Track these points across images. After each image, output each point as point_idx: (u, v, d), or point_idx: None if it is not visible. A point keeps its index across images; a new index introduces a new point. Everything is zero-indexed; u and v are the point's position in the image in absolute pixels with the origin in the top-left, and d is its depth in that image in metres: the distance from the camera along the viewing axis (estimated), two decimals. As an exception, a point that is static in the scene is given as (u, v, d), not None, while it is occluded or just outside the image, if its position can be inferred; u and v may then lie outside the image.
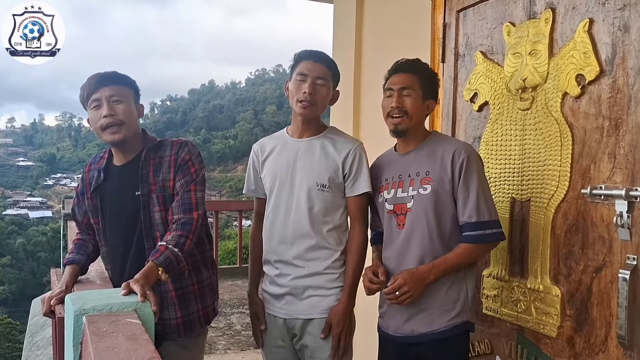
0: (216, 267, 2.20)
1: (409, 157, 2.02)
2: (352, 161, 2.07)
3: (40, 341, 5.65)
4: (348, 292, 2.05)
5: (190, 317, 2.02)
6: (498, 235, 1.93)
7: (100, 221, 2.05)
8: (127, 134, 1.97)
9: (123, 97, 1.97)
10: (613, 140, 1.81)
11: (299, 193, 2.07)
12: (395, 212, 2.00)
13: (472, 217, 1.89)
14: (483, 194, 1.90)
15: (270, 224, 2.15)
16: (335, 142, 2.11)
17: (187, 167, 1.98)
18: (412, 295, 1.88)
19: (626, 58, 1.77)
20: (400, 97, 1.96)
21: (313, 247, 2.06)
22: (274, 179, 2.14)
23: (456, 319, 1.92)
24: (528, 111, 2.14)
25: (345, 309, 2.04)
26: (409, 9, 2.94)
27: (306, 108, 2.05)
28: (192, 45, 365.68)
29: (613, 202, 1.78)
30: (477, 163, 1.93)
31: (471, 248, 1.91)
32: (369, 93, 3.31)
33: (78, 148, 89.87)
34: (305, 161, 2.09)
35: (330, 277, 2.07)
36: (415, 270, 1.90)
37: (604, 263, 1.84)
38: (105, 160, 2.09)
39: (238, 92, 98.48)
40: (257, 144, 2.27)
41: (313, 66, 2.05)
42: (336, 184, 2.07)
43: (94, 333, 1.27)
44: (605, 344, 1.83)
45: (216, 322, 4.78)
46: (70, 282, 1.94)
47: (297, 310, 2.09)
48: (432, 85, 2.03)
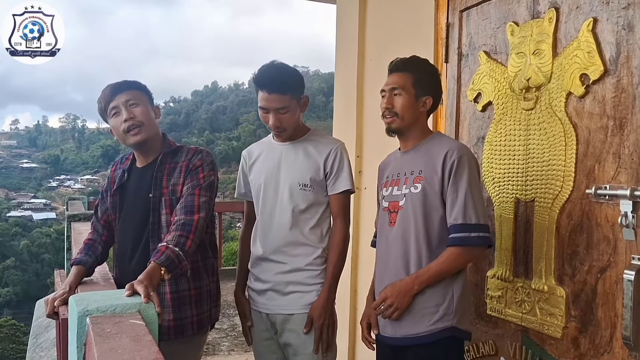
0: (217, 275, 2.21)
1: (407, 155, 2.03)
2: (333, 160, 2.14)
3: (44, 342, 5.65)
4: (328, 287, 2.11)
5: (182, 321, 2.03)
6: (483, 240, 1.87)
7: (118, 219, 2.12)
8: (148, 134, 2.04)
9: (138, 100, 2.05)
10: (617, 140, 1.80)
11: (283, 193, 2.15)
12: (389, 209, 2.03)
13: (458, 219, 1.85)
14: (472, 196, 1.86)
15: (259, 223, 2.23)
16: (317, 143, 2.18)
17: (197, 173, 2.03)
18: (397, 308, 1.90)
19: (630, 57, 1.77)
20: (391, 97, 1.98)
21: (295, 243, 2.13)
22: (260, 181, 2.22)
23: (439, 324, 1.88)
24: (532, 111, 2.13)
25: (325, 303, 2.09)
26: (412, 9, 2.94)
27: (280, 135, 2.16)
28: (196, 47, 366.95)
29: (618, 202, 1.78)
30: (469, 165, 1.89)
31: (455, 252, 1.86)
32: (372, 93, 3.30)
33: (82, 150, 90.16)
34: (288, 163, 2.17)
35: (312, 274, 2.13)
36: (399, 283, 1.91)
37: (608, 263, 1.83)
38: (129, 161, 2.18)
39: (241, 93, 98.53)
40: (246, 150, 2.37)
41: (269, 99, 2.07)
42: (318, 182, 2.14)
43: (97, 334, 1.27)
44: (611, 344, 1.82)
45: (220, 324, 4.78)
46: (74, 283, 1.94)
47: (278, 306, 2.15)
48: (429, 81, 2.01)
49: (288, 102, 2.07)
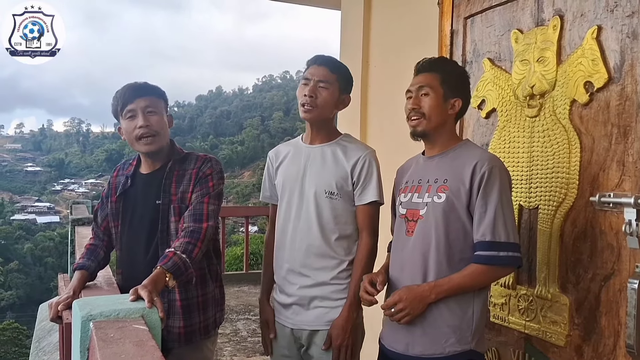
0: (221, 281, 2.20)
1: (432, 161, 1.91)
2: (362, 169, 2.03)
3: (47, 346, 5.65)
4: (349, 305, 2.01)
5: (192, 327, 2.03)
6: (513, 260, 1.75)
7: (120, 225, 2.10)
8: (161, 145, 2.04)
9: (157, 108, 2.04)
10: (622, 147, 1.80)
11: (308, 199, 2.06)
12: (406, 217, 1.90)
13: (486, 236, 1.73)
14: (502, 212, 1.73)
15: (281, 230, 2.14)
16: (347, 148, 2.08)
17: (206, 181, 2.02)
18: (409, 313, 1.76)
19: (635, 65, 1.77)
20: (417, 97, 1.86)
21: (320, 255, 2.04)
22: (285, 185, 2.14)
23: (457, 346, 1.76)
24: (536, 118, 2.13)
25: (344, 322, 2.00)
26: (417, 15, 2.95)
27: (307, 112, 2.04)
28: (201, 51, 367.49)
29: (622, 210, 1.77)
30: (500, 178, 1.76)
31: (480, 270, 1.74)
32: (377, 100, 3.31)
33: (86, 154, 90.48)
34: (315, 167, 2.08)
35: (337, 288, 2.04)
36: (415, 288, 1.78)
37: (612, 271, 1.82)
38: (133, 167, 2.15)
39: (245, 98, 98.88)
40: (273, 150, 2.28)
41: (316, 70, 2.05)
42: (345, 191, 2.04)
43: (101, 339, 1.27)
44: (614, 353, 1.81)
45: (222, 329, 4.77)
46: (78, 287, 1.95)
47: (303, 321, 2.07)
48: (457, 82, 1.89)
49: (332, 80, 2.04)
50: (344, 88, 2.10)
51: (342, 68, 2.12)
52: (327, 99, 2.04)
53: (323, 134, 2.11)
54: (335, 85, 2.06)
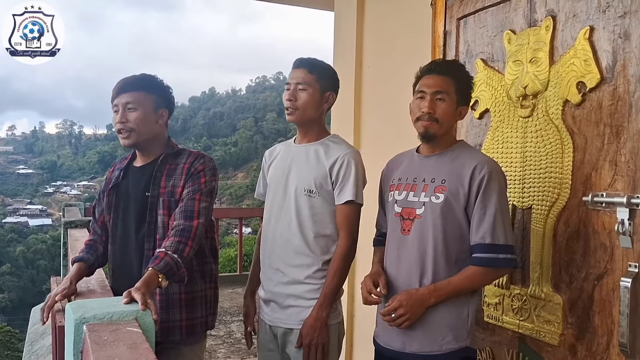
0: (216, 282, 2.19)
1: (429, 161, 1.92)
2: (340, 167, 2.04)
3: (39, 350, 5.62)
4: (320, 304, 2.01)
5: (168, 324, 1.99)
6: (510, 262, 1.80)
7: (112, 218, 2.11)
8: (137, 140, 2.04)
9: (139, 104, 2.03)
10: (614, 147, 1.81)
11: (289, 197, 2.10)
12: (402, 215, 1.90)
13: (486, 238, 1.76)
14: (501, 215, 1.77)
15: (265, 226, 2.19)
16: (329, 147, 2.10)
17: (198, 177, 2.02)
18: (409, 318, 1.79)
19: (627, 65, 1.78)
20: (433, 101, 1.84)
21: (297, 252, 2.06)
22: (271, 182, 2.19)
23: (453, 344, 1.80)
24: (529, 119, 2.14)
25: (314, 321, 1.99)
26: (410, 16, 2.95)
27: (290, 114, 2.11)
28: (194, 52, 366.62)
29: (614, 209, 1.78)
30: (499, 182, 1.80)
31: (479, 272, 1.78)
32: (370, 101, 3.31)
33: (78, 156, 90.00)
34: (297, 166, 2.12)
35: (311, 288, 2.05)
36: (415, 292, 1.80)
37: (605, 271, 1.83)
38: (127, 160, 2.18)
39: (238, 99, 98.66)
40: (269, 149, 2.33)
41: (295, 73, 2.09)
42: (326, 190, 2.06)
43: (94, 342, 1.27)
44: (607, 351, 1.82)
45: (216, 330, 4.76)
46: (75, 278, 1.95)
47: (279, 318, 2.11)
48: (468, 90, 1.92)
49: (310, 81, 2.06)
50: (326, 86, 2.11)
51: (322, 67, 2.13)
52: (306, 100, 2.07)
53: (311, 134, 2.14)
54: (315, 86, 2.08)
